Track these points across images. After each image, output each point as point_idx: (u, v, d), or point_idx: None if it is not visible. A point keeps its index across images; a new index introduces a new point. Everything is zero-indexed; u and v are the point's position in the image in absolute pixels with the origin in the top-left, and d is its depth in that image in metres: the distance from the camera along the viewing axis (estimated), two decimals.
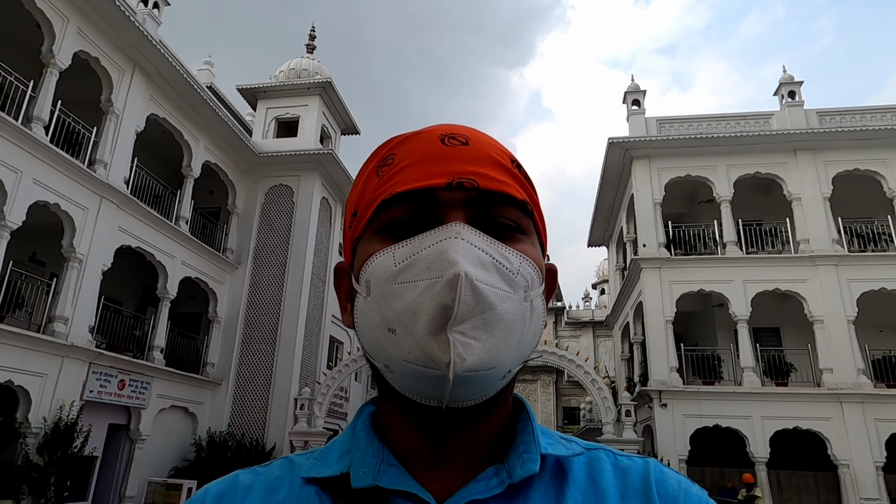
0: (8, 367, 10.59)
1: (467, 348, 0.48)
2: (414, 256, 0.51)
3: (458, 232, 0.51)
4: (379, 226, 0.55)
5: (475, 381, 0.50)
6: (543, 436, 0.60)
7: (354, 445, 0.58)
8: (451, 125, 0.59)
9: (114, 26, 13.19)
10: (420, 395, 0.51)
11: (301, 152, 18.73)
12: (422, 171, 0.54)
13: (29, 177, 11.15)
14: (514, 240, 0.55)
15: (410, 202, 0.54)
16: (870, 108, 17.32)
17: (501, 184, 0.55)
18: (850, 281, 15.54)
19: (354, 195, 0.61)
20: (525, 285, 0.53)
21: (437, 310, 0.48)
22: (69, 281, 12.16)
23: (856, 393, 14.56)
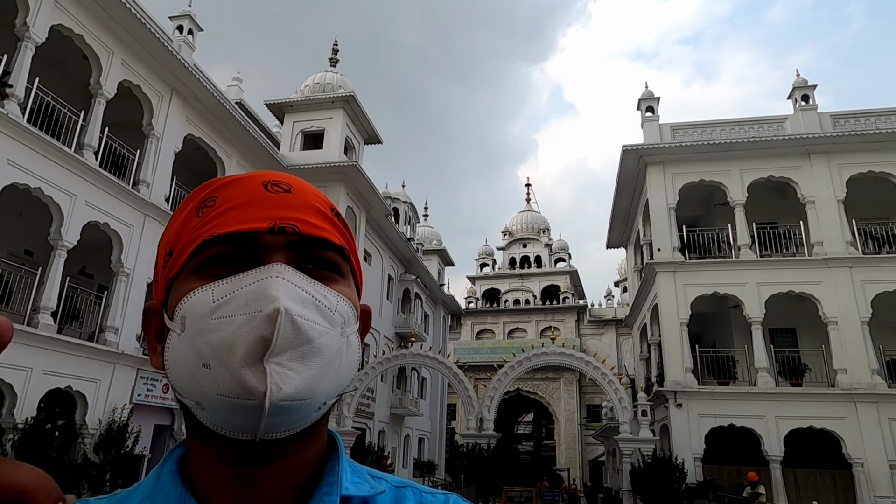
0: (67, 373, 11.64)
1: (284, 378, 0.49)
2: (234, 293, 0.52)
3: (279, 272, 0.53)
4: (197, 265, 0.56)
5: (291, 411, 0.50)
6: (353, 474, 0.61)
7: (157, 490, 0.57)
8: (274, 173, 0.61)
9: (154, 55, 14.18)
10: (233, 430, 0.51)
11: (327, 164, 19.60)
12: (245, 214, 0.56)
13: (82, 199, 12.18)
14: (332, 280, 0.58)
15: (232, 243, 0.55)
16: (884, 111, 17.48)
17: (321, 230, 0.58)
18: (864, 282, 15.81)
19: (171, 234, 0.61)
20: (342, 322, 0.56)
21: (255, 342, 0.49)
22: (118, 293, 13.19)
23: (870, 393, 14.87)
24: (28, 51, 11.21)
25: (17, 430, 10.45)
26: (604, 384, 16.52)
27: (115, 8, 12.77)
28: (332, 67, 23.31)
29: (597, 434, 30.12)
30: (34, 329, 10.91)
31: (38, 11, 11.33)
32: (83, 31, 12.40)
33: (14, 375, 10.57)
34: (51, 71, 12.62)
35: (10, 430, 10.46)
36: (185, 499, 0.55)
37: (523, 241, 55.57)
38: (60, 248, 11.72)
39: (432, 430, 31.86)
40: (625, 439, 15.39)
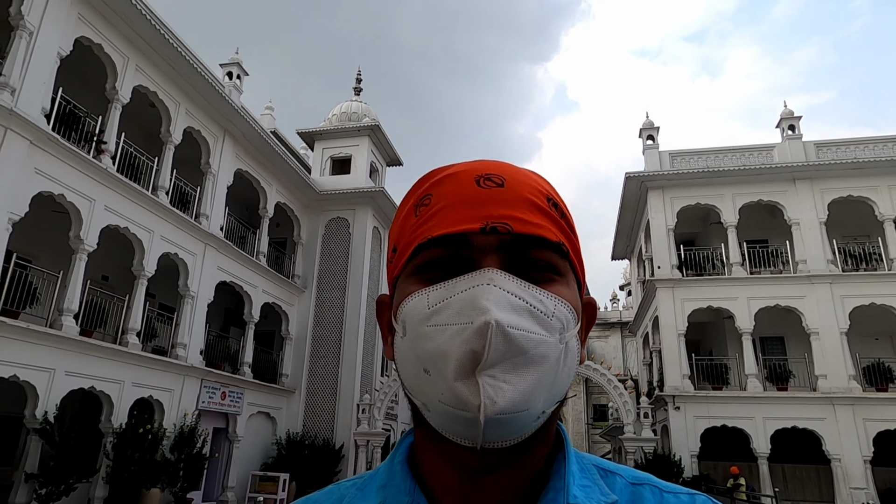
0: (150, 385, 13.62)
1: (497, 391, 0.48)
2: (447, 300, 0.52)
3: (490, 278, 0.52)
4: (415, 267, 0.57)
5: (507, 423, 0.49)
6: (581, 475, 0.59)
7: (390, 480, 0.60)
8: (488, 163, 0.60)
9: (211, 103, 16.13)
10: (456, 435, 0.51)
11: (356, 190, 21.53)
12: (457, 214, 0.55)
13: (158, 234, 14.15)
14: (549, 282, 0.56)
15: (445, 246, 0.55)
16: (862, 140, 19.26)
17: (536, 227, 0.56)
18: (843, 297, 17.61)
19: (395, 231, 0.63)
20: (560, 327, 0.53)
21: (465, 355, 0.49)
22: (185, 314, 15.16)
23: (847, 396, 16.69)
24: (116, 111, 13.17)
25: (114, 433, 12.42)
26: (609, 389, 18.35)
27: (182, 65, 14.70)
28: (357, 96, 25.24)
29: (603, 433, 31.97)
30: (124, 348, 12.88)
31: (124, 76, 13.29)
32: (157, 89, 14.36)
33: (110, 387, 12.54)
34: (130, 124, 14.54)
35: (110, 433, 12.43)
36: (415, 493, 0.58)
37: None
38: (142, 277, 13.69)
39: None
40: (629, 438, 17.23)
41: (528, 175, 0.61)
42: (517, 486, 0.57)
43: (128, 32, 13.30)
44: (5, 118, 10.27)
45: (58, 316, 11.49)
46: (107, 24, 12.82)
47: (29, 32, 10.95)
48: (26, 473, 10.49)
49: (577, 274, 0.60)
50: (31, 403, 10.83)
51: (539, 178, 0.62)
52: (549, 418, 0.56)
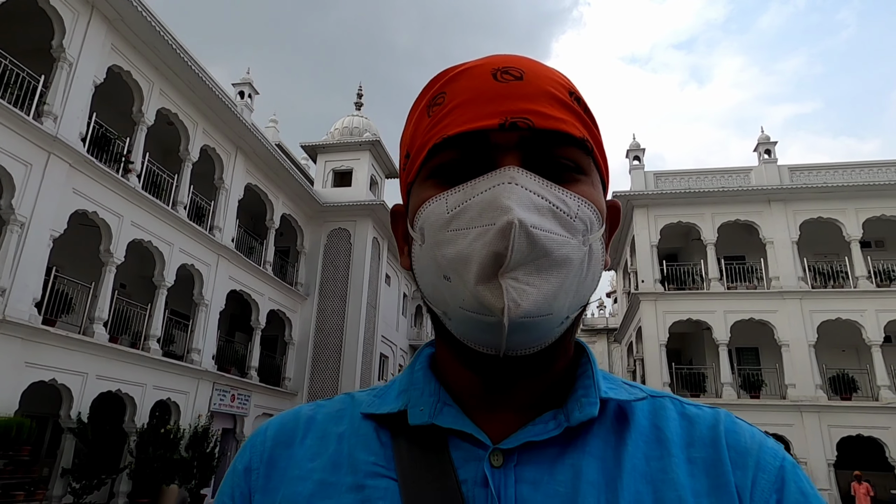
0: (169, 388, 14.59)
1: (521, 294, 0.47)
2: (466, 203, 0.50)
3: (511, 177, 0.49)
4: (431, 170, 0.54)
5: (532, 328, 0.49)
6: (605, 381, 0.59)
7: (412, 385, 0.60)
8: (506, 56, 0.56)
9: (226, 122, 17.13)
10: (478, 343, 0.51)
11: (357, 203, 22.58)
12: (473, 111, 0.52)
13: (177, 247, 15.12)
14: (572, 181, 0.53)
15: (462, 145, 0.52)
16: (832, 165, 20.65)
17: (558, 121, 0.52)
18: (811, 312, 18.96)
19: (406, 136, 0.60)
20: (584, 229, 0.51)
21: (488, 257, 0.47)
22: (200, 321, 16.13)
23: (814, 404, 18.01)
24: (142, 132, 14.15)
25: (137, 433, 13.38)
26: None
27: (201, 88, 15.69)
28: (358, 111, 26.31)
29: None
30: (147, 353, 13.85)
31: (149, 100, 14.28)
32: (178, 110, 15.36)
33: (134, 390, 13.50)
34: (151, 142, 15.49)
35: (133, 433, 13.39)
36: (440, 393, 0.57)
37: None
38: (163, 287, 14.66)
39: None
40: None
41: (548, 69, 0.57)
42: (540, 391, 0.56)
43: (153, 59, 14.29)
44: (49, 144, 11.25)
45: (89, 324, 12.45)
46: (135, 52, 13.81)
47: (69, 64, 11.92)
48: (63, 469, 11.45)
49: (601, 173, 0.57)
50: (66, 405, 11.78)
51: (559, 73, 0.58)
52: (572, 324, 0.54)
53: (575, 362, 0.60)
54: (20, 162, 10.77)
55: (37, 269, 11.07)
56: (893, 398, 17.99)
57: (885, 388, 18.10)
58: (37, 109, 11.31)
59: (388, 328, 25.74)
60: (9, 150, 10.52)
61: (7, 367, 10.30)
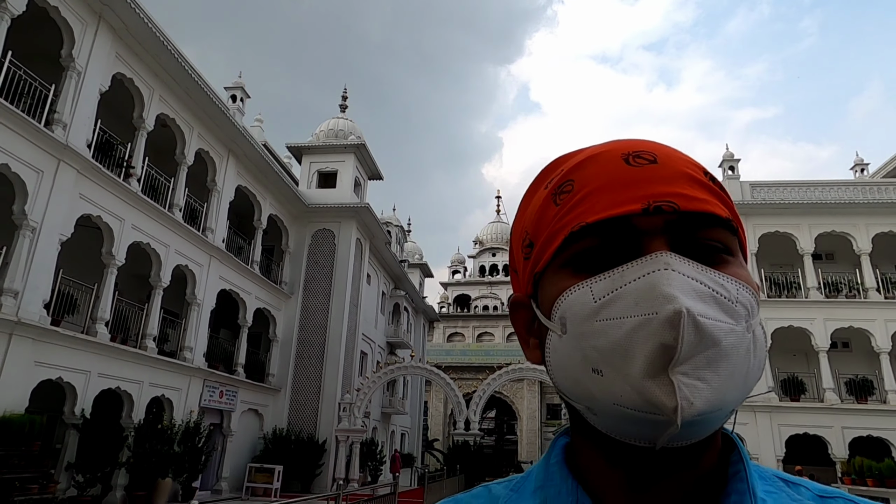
0: (163, 384, 15.10)
1: (693, 391, 0.43)
2: (616, 291, 0.47)
3: (666, 263, 0.46)
4: (566, 259, 0.51)
5: (701, 424, 0.45)
6: (761, 481, 0.53)
7: (548, 480, 0.56)
8: (633, 141, 0.54)
9: (220, 126, 17.58)
10: (629, 437, 0.47)
11: (343, 205, 23.22)
12: (610, 197, 0.49)
13: (173, 249, 15.59)
14: (724, 263, 0.50)
15: (602, 233, 0.49)
16: (789, 182, 22.23)
17: (703, 203, 0.50)
18: (767, 319, 20.46)
19: (526, 222, 0.57)
20: (745, 314, 0.48)
21: (655, 350, 0.44)
22: (192, 320, 16.63)
23: (766, 405, 19.55)
24: (142, 137, 14.57)
25: (134, 429, 13.90)
26: None
27: (198, 94, 16.14)
28: (343, 113, 26.84)
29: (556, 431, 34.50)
30: (143, 351, 14.34)
31: (150, 106, 14.70)
32: (175, 116, 15.78)
33: (132, 387, 14.01)
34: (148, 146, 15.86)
35: (130, 429, 13.90)
36: (578, 493, 0.53)
37: (493, 250, 59.93)
38: (159, 287, 15.14)
39: (412, 426, 35.78)
40: None
41: (679, 151, 0.54)
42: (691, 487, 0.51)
43: (154, 66, 14.70)
44: (60, 152, 11.67)
45: (91, 324, 12.91)
46: (138, 60, 14.21)
47: (78, 73, 12.32)
48: (68, 463, 11.96)
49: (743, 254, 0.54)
50: (70, 402, 12.27)
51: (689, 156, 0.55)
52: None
53: (725, 456, 0.54)
54: (33, 169, 11.18)
55: (46, 271, 11.52)
56: (837, 400, 19.67)
57: (830, 391, 19.76)
58: (47, 117, 11.70)
59: (368, 325, 26.47)
60: (23, 157, 10.93)
61: (19, 366, 10.77)
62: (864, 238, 20.94)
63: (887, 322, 20.04)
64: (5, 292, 10.56)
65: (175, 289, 16.72)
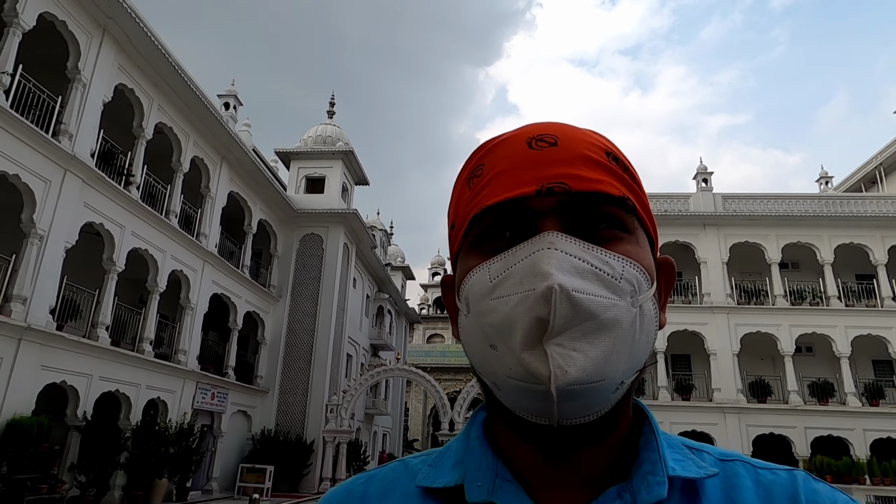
0: (159, 387, 15.47)
1: (567, 360, 0.46)
2: (507, 271, 0.50)
3: (550, 242, 0.49)
4: (473, 240, 0.55)
5: (582, 395, 0.47)
6: (670, 450, 0.56)
7: (468, 455, 0.58)
8: (540, 125, 0.57)
9: (215, 135, 17.97)
10: (531, 413, 0.49)
11: (331, 210, 23.71)
12: (510, 179, 0.53)
13: (169, 254, 15.96)
14: (615, 241, 0.52)
15: (501, 214, 0.53)
16: (758, 195, 23.42)
17: (595, 182, 0.52)
18: (736, 325, 21.61)
19: (451, 208, 0.61)
20: (631, 290, 0.50)
21: (531, 323, 0.47)
22: (186, 323, 17.00)
23: (735, 406, 20.65)
24: (141, 146, 14.94)
25: (132, 430, 14.26)
26: None
27: (195, 104, 16.54)
28: (330, 119, 27.31)
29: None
30: (141, 355, 14.70)
31: (149, 116, 15.06)
32: (173, 125, 16.16)
33: (130, 390, 14.37)
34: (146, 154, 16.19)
35: (128, 430, 14.26)
36: (498, 466, 0.55)
37: None
38: (156, 292, 15.51)
39: (393, 426, 36.32)
40: None
41: (583, 132, 0.57)
42: (602, 461, 0.54)
43: (154, 77, 15.07)
44: (66, 162, 12.03)
45: (92, 329, 13.26)
46: (139, 71, 14.58)
47: (83, 84, 12.67)
48: (71, 464, 12.31)
49: (647, 231, 0.57)
50: (73, 404, 12.61)
51: (596, 134, 0.58)
52: (628, 390, 0.52)
53: (637, 429, 0.57)
54: (41, 179, 11.53)
55: (52, 278, 11.88)
56: (800, 401, 20.87)
57: (794, 393, 20.96)
58: (54, 128, 12.04)
59: (353, 328, 26.97)
60: (32, 167, 11.28)
61: (27, 370, 11.12)
62: (827, 249, 22.21)
63: (847, 328, 21.33)
64: (14, 299, 10.90)
65: (168, 293, 17.09)
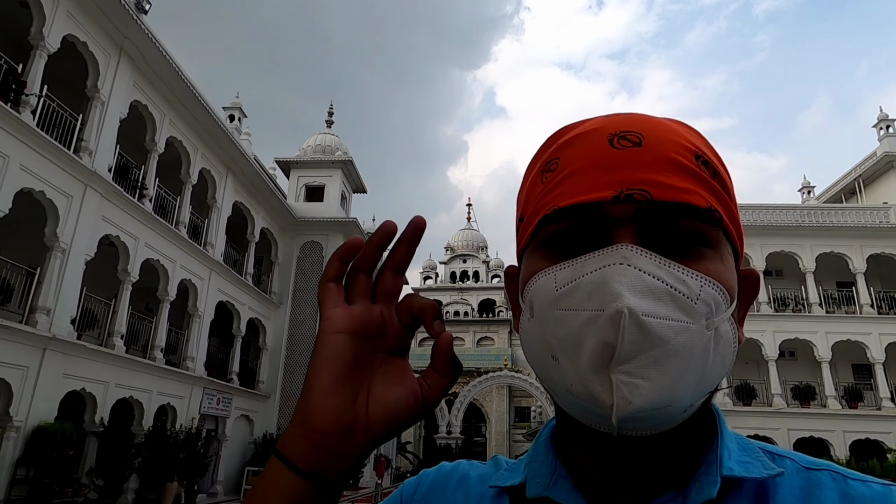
0: (169, 393, 15.95)
1: (632, 389, 0.43)
2: (575, 282, 0.47)
3: (624, 256, 0.46)
4: (542, 240, 0.52)
5: (646, 420, 0.45)
6: (740, 452, 0.53)
7: (534, 457, 0.59)
8: (625, 117, 0.52)
9: (221, 147, 18.49)
10: (590, 421, 0.47)
11: (331, 219, 24.27)
12: (587, 181, 0.49)
13: (179, 264, 16.45)
14: (696, 256, 0.48)
15: (574, 217, 0.49)
16: (744, 206, 24.32)
17: (680, 192, 0.47)
18: None
19: (521, 199, 0.57)
20: (707, 311, 0.46)
21: (598, 346, 0.44)
22: (193, 331, 17.48)
23: (721, 409, 21.32)
24: (154, 160, 15.43)
25: (144, 435, 14.73)
26: (535, 393, 22.34)
27: (204, 118, 17.06)
28: (329, 129, 27.88)
29: (526, 434, 36.15)
30: (152, 361, 15.18)
31: (162, 130, 15.56)
32: (182, 138, 16.66)
33: (143, 396, 14.84)
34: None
35: (141, 435, 14.73)
36: (557, 465, 0.56)
37: (463, 256, 61.48)
38: (166, 300, 15.99)
39: None
40: None
41: (672, 129, 0.52)
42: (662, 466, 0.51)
43: (166, 93, 15.58)
44: (87, 177, 12.52)
45: (108, 337, 13.73)
46: (152, 87, 15.08)
47: (101, 102, 13.17)
48: (90, 468, 12.77)
49: (733, 244, 0.52)
50: (90, 411, 13.08)
51: (687, 131, 0.53)
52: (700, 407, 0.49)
53: (708, 434, 0.53)
54: (63, 194, 12.02)
55: (74, 290, 12.36)
56: (783, 404, 21.77)
57: (778, 396, 21.86)
58: (76, 145, 12.53)
59: None
60: (56, 184, 11.77)
61: (51, 378, 11.59)
62: (809, 257, 23.17)
63: (828, 334, 22.28)
64: (39, 310, 11.38)
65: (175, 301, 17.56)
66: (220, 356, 20.27)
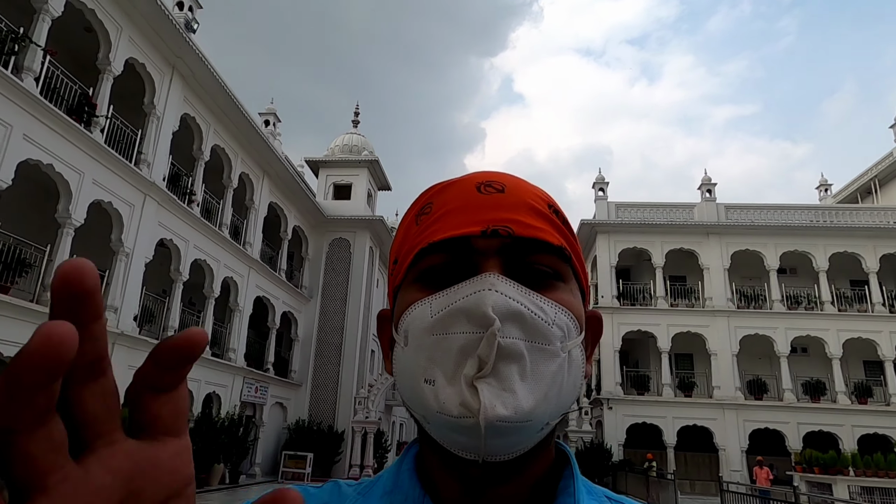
0: (214, 382, 17.29)
1: (498, 397, 0.48)
2: (449, 308, 0.51)
3: (492, 283, 0.51)
4: (417, 274, 0.56)
5: (510, 433, 0.49)
6: (588, 497, 0.58)
7: (397, 486, 0.59)
8: (490, 173, 0.60)
9: (259, 151, 19.67)
10: (457, 448, 0.51)
11: (358, 217, 25.44)
12: (458, 219, 0.55)
13: (223, 263, 17.71)
14: (550, 287, 0.54)
15: (447, 250, 0.55)
16: (759, 206, 24.99)
17: (537, 230, 0.55)
18: (736, 327, 23.27)
19: (396, 243, 0.62)
20: (561, 335, 0.52)
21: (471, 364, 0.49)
22: (234, 324, 18.79)
23: (733, 403, 22.36)
24: (200, 167, 16.65)
25: (193, 421, 16.08)
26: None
27: (244, 126, 18.21)
28: (355, 129, 28.96)
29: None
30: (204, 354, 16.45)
31: (207, 139, 16.76)
32: (225, 146, 17.86)
33: (192, 385, 16.18)
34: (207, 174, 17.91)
35: (191, 421, 16.10)
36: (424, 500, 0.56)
37: None
38: (211, 297, 17.29)
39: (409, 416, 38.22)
40: (572, 430, 22.25)
41: (528, 184, 0.61)
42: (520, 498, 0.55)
43: (211, 105, 16.76)
44: (146, 187, 13.76)
45: (163, 332, 15.05)
46: (199, 100, 16.27)
47: (157, 117, 14.37)
48: None
49: (580, 282, 0.59)
50: None
51: (540, 189, 0.61)
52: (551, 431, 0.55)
53: (557, 471, 0.59)
54: (127, 203, 13.27)
55: (136, 289, 13.65)
56: (794, 399, 22.57)
57: (789, 391, 22.65)
58: (136, 158, 13.76)
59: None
60: (121, 194, 13.02)
61: (118, 372, 12.90)
62: (823, 257, 23.80)
63: (840, 331, 22.97)
64: (108, 308, 12.67)
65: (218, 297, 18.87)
66: (256, 347, 21.61)
